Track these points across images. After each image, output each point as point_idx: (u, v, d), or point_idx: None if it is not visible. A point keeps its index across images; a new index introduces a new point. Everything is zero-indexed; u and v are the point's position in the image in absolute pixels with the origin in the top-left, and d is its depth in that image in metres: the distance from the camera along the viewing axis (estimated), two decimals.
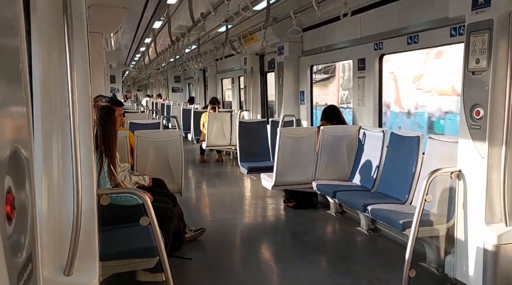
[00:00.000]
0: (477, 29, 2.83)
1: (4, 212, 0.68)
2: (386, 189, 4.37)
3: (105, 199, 2.26)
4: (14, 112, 0.80)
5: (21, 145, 0.79)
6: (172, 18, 6.45)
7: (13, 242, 0.73)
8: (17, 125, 0.80)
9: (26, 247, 0.78)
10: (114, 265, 2.73)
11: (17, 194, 0.75)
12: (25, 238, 0.78)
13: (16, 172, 0.75)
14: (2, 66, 0.76)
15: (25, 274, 0.77)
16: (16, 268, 0.73)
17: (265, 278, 3.54)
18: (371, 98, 5.06)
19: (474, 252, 2.88)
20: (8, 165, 0.72)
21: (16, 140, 0.77)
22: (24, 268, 0.77)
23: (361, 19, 5.04)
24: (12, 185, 0.72)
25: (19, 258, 0.75)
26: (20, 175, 0.77)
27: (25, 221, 0.78)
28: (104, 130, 3.16)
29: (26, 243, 0.78)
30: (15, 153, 0.75)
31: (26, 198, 0.80)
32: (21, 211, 0.77)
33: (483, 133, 2.80)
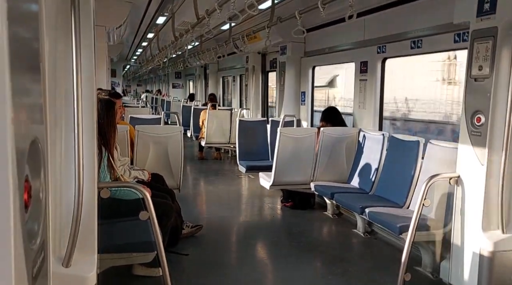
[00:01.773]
0: (481, 36, 2.84)
1: (22, 200, 0.69)
2: (384, 192, 4.38)
3: (105, 192, 2.27)
4: (34, 104, 0.81)
5: (39, 137, 0.80)
6: (176, 14, 6.44)
7: (29, 229, 0.74)
8: (36, 117, 0.81)
9: (40, 235, 0.79)
10: (112, 258, 2.74)
11: (33, 183, 0.76)
12: (38, 226, 0.79)
13: (34, 162, 0.76)
14: (26, 58, 0.76)
15: (39, 261, 0.78)
16: (31, 255, 0.74)
17: (260, 276, 3.55)
18: (372, 101, 5.07)
19: (470, 258, 2.90)
20: (28, 155, 0.72)
21: (35, 131, 0.78)
22: (38, 255, 0.78)
23: (365, 21, 5.04)
24: (29, 174, 0.73)
25: (33, 245, 0.76)
26: (36, 165, 0.78)
27: (39, 210, 0.79)
28: (104, 123, 3.16)
29: (40, 231, 0.79)
30: (34, 143, 0.76)
31: (41, 187, 0.81)
32: (36, 200, 0.78)
33: (483, 140, 2.82)
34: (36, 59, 0.82)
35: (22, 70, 0.73)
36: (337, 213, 5.14)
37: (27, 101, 0.76)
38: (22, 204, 0.69)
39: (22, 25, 0.74)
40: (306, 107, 6.85)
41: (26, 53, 0.77)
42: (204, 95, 14.03)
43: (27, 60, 0.77)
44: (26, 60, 0.77)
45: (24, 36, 0.76)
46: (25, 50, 0.76)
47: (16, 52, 0.67)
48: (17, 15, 0.69)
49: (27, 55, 0.78)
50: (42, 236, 0.80)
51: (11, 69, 0.64)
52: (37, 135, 0.79)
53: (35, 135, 0.77)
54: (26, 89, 0.76)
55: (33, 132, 0.77)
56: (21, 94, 0.72)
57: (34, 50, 0.81)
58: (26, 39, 0.77)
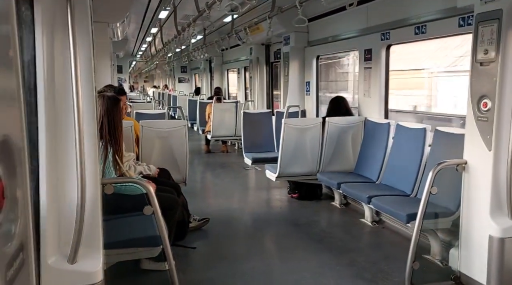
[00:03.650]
0: (486, 19, 2.78)
1: None
2: (391, 181, 4.35)
3: (109, 188, 2.27)
4: (2, 99, 0.79)
5: (11, 134, 0.78)
6: (178, 7, 6.41)
7: (3, 232, 0.72)
8: (6, 113, 0.79)
9: (17, 236, 0.77)
10: (118, 254, 2.76)
11: (8, 183, 0.74)
12: (15, 227, 0.77)
13: (7, 161, 0.74)
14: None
15: (15, 264, 0.76)
16: (4, 258, 0.73)
17: (268, 268, 3.55)
18: (377, 89, 5.02)
19: (479, 245, 2.87)
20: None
21: (6, 129, 0.76)
22: (14, 258, 0.76)
23: (368, 8, 4.97)
24: (1, 174, 0.71)
25: (8, 247, 0.74)
26: (10, 164, 0.77)
27: (16, 211, 0.78)
28: (110, 120, 3.16)
29: (16, 232, 0.77)
30: (5, 142, 0.74)
31: (18, 187, 0.79)
32: (12, 200, 0.76)
33: (490, 125, 2.77)
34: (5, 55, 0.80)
35: None
36: (344, 203, 5.13)
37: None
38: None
39: None
40: (311, 97, 6.80)
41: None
42: (210, 88, 14.01)
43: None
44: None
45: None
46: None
47: None
48: None
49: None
50: (21, 237, 0.79)
51: None
52: (9, 133, 0.77)
53: (6, 133, 0.76)
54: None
55: (2, 130, 0.75)
56: None
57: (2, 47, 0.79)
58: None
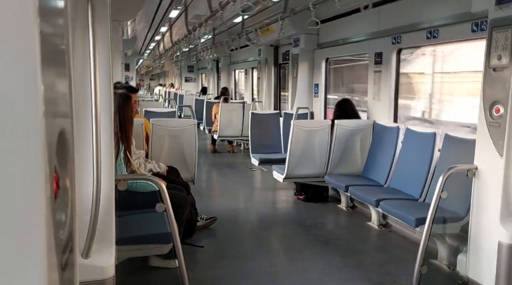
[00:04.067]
0: (500, 25, 2.78)
1: (52, 190, 0.70)
2: (400, 185, 4.34)
3: (122, 185, 2.29)
4: (62, 97, 0.82)
5: (66, 129, 0.81)
6: (189, 7, 6.44)
7: (57, 220, 0.75)
8: (63, 109, 0.82)
9: (67, 225, 0.80)
10: (129, 250, 2.78)
11: (61, 174, 0.77)
12: (66, 216, 0.80)
13: (61, 153, 0.77)
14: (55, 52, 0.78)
15: (67, 252, 0.79)
16: (61, 245, 0.75)
17: (274, 268, 3.56)
18: (387, 92, 5.02)
19: (488, 251, 2.86)
20: (57, 146, 0.74)
21: (63, 122, 0.80)
22: (67, 245, 0.79)
23: (379, 12, 4.97)
24: (57, 165, 0.74)
25: (62, 235, 0.77)
26: (64, 156, 0.80)
27: (66, 201, 0.81)
28: (121, 117, 3.18)
29: (67, 222, 0.80)
30: (62, 135, 0.78)
31: (68, 178, 0.82)
32: (64, 191, 0.79)
33: (502, 131, 2.76)
34: (63, 53, 0.84)
35: (51, 65, 0.75)
36: (350, 205, 5.13)
37: (55, 95, 0.78)
38: (53, 194, 0.70)
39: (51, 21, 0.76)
40: (319, 99, 6.80)
41: (54, 47, 0.78)
42: (216, 88, 14.05)
43: (55, 55, 0.79)
44: (55, 54, 0.78)
45: (53, 31, 0.77)
46: (54, 45, 0.78)
47: (46, 48, 0.69)
48: (46, 12, 0.70)
49: (56, 50, 0.79)
50: (70, 227, 0.82)
51: (42, 64, 0.66)
52: (65, 127, 0.80)
53: (63, 127, 0.79)
54: (54, 83, 0.78)
55: (61, 124, 0.78)
56: (50, 88, 0.74)
57: (61, 45, 0.83)
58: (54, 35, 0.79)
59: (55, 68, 0.77)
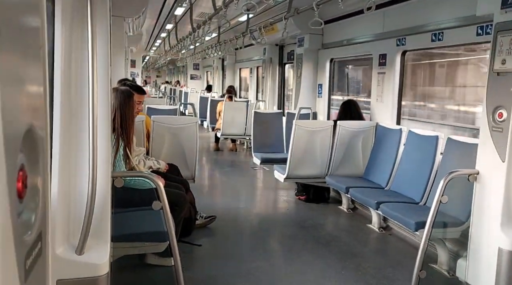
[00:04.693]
0: (505, 29, 2.74)
1: (15, 189, 0.68)
2: (401, 188, 4.31)
3: (119, 182, 2.28)
4: (31, 91, 0.80)
5: (37, 124, 0.79)
6: (194, 5, 6.42)
7: (23, 220, 0.73)
8: (33, 104, 0.80)
9: (37, 226, 0.78)
10: (125, 247, 2.77)
11: (30, 172, 0.75)
12: (35, 217, 0.78)
13: (30, 150, 0.75)
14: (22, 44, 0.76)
15: (34, 253, 0.77)
16: (25, 246, 0.73)
17: (272, 268, 3.55)
18: (390, 94, 4.98)
19: (488, 257, 2.83)
20: (22, 143, 0.72)
21: (32, 119, 0.77)
22: (33, 247, 0.77)
23: (384, 13, 4.94)
24: (25, 163, 0.72)
25: (28, 236, 0.75)
26: (34, 154, 0.77)
27: (37, 200, 0.79)
28: (123, 114, 3.17)
29: (36, 222, 0.78)
30: (30, 132, 0.75)
31: (39, 177, 0.80)
32: (33, 190, 0.77)
33: (505, 136, 2.73)
34: (34, 46, 0.81)
35: (14, 57, 0.72)
36: (352, 207, 5.10)
37: (21, 89, 0.75)
38: (14, 194, 0.68)
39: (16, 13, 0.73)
40: (323, 99, 6.77)
41: (20, 40, 0.75)
42: (221, 86, 14.04)
43: (21, 48, 0.76)
44: (20, 47, 0.75)
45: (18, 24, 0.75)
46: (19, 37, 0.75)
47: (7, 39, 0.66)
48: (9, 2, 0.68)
49: (22, 42, 0.76)
50: (40, 227, 0.80)
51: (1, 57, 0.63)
52: (34, 123, 0.78)
53: (31, 123, 0.77)
54: (19, 76, 0.75)
55: (28, 120, 0.76)
56: (13, 81, 0.71)
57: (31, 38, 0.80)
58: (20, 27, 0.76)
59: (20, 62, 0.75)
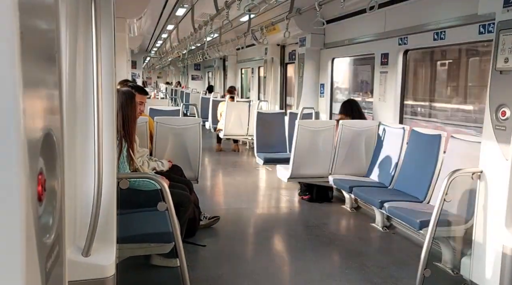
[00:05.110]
0: (507, 27, 2.75)
1: (36, 193, 0.69)
2: (404, 186, 4.31)
3: (124, 183, 2.30)
4: (49, 95, 0.81)
5: (54, 129, 0.80)
6: (196, 5, 6.43)
7: (43, 223, 0.74)
8: (51, 109, 0.81)
9: (55, 229, 0.79)
10: (130, 248, 2.78)
11: (48, 176, 0.76)
12: (53, 220, 0.79)
13: (48, 154, 0.76)
14: (39, 47, 0.76)
15: (53, 255, 0.78)
16: (45, 249, 0.74)
17: (277, 268, 3.55)
18: (392, 93, 4.98)
19: (492, 255, 2.83)
20: (42, 147, 0.73)
21: (49, 123, 0.78)
22: (52, 249, 0.78)
23: (386, 13, 4.94)
24: (43, 167, 0.73)
25: (48, 239, 0.76)
26: (51, 158, 0.78)
27: (54, 204, 0.80)
28: (125, 115, 3.18)
29: (54, 225, 0.79)
30: (48, 136, 0.76)
31: (56, 181, 0.81)
32: (51, 194, 0.78)
33: (508, 134, 2.73)
34: (51, 50, 0.82)
35: (35, 61, 0.73)
36: (355, 206, 5.10)
37: (40, 93, 0.76)
38: (35, 197, 0.69)
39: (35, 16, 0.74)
40: (325, 99, 6.78)
41: (39, 44, 0.76)
42: (223, 87, 14.05)
43: (41, 51, 0.77)
44: (40, 51, 0.76)
45: (37, 27, 0.76)
46: (39, 41, 0.76)
47: (29, 43, 0.67)
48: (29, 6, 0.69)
49: (41, 46, 0.77)
50: (57, 230, 0.81)
51: (23, 61, 0.64)
52: (52, 127, 0.79)
53: (50, 127, 0.78)
54: (39, 80, 0.76)
55: (47, 124, 0.77)
56: (34, 85, 0.71)
57: (49, 41, 0.81)
58: (39, 30, 0.77)
59: (39, 65, 0.76)
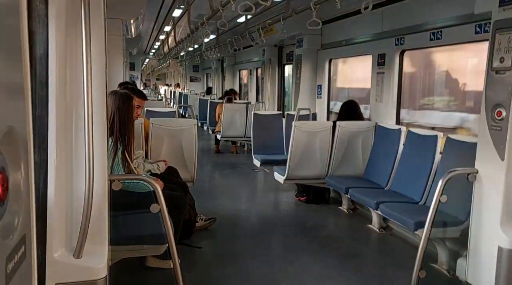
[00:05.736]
0: (503, 27, 2.73)
1: None
2: (400, 187, 4.30)
3: (116, 185, 2.27)
4: (9, 91, 0.79)
5: (17, 125, 0.78)
6: (192, 6, 6.43)
7: (4, 224, 0.72)
8: (12, 105, 0.79)
9: (19, 229, 0.77)
10: (123, 250, 2.76)
11: (11, 175, 0.74)
12: (18, 220, 0.77)
13: (11, 152, 0.74)
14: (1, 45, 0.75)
15: (16, 256, 0.76)
16: (5, 250, 0.72)
17: (273, 270, 3.53)
18: (389, 94, 4.97)
19: (488, 256, 2.81)
20: (1, 145, 0.71)
21: (11, 120, 0.76)
22: (16, 250, 0.76)
23: (383, 13, 4.93)
24: (5, 166, 0.71)
25: (10, 240, 0.74)
26: (14, 156, 0.77)
27: (19, 203, 0.78)
28: (121, 117, 3.15)
29: (19, 225, 0.77)
30: (9, 133, 0.74)
31: (21, 180, 0.79)
32: (15, 193, 0.76)
33: (504, 135, 2.72)
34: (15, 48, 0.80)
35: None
36: (352, 208, 5.09)
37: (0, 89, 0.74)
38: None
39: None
40: (322, 100, 6.77)
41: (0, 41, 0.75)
42: (221, 88, 14.04)
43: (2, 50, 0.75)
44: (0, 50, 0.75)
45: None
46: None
47: None
48: None
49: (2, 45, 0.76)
50: (23, 230, 0.79)
51: None
52: (14, 125, 0.77)
53: (10, 124, 0.76)
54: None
55: (7, 122, 0.75)
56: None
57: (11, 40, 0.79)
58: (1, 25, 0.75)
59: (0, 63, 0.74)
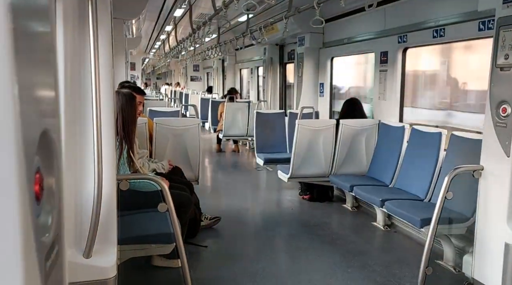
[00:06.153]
0: (507, 24, 2.74)
1: (33, 192, 0.68)
2: (405, 185, 4.30)
3: (124, 185, 2.29)
4: (45, 94, 0.80)
5: (51, 127, 0.79)
6: (194, 6, 6.43)
7: (41, 223, 0.73)
8: (47, 107, 0.81)
9: (53, 228, 0.78)
10: (131, 250, 2.77)
11: (46, 175, 0.75)
12: (52, 219, 0.78)
13: (45, 153, 0.76)
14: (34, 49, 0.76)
15: (52, 255, 0.78)
16: (44, 248, 0.74)
17: (278, 268, 3.54)
18: (392, 92, 4.97)
19: (494, 252, 2.82)
20: (38, 146, 0.72)
21: (46, 122, 0.78)
22: (52, 249, 0.78)
23: (385, 10, 4.93)
24: (41, 166, 0.73)
25: (47, 238, 0.75)
26: (48, 157, 0.78)
27: (52, 203, 0.79)
28: (125, 117, 3.17)
29: (53, 225, 0.79)
30: (45, 134, 0.76)
31: (54, 180, 0.81)
32: (49, 193, 0.77)
33: (509, 131, 2.73)
34: (47, 52, 0.82)
35: (30, 63, 0.73)
36: (356, 206, 5.09)
37: (36, 94, 0.76)
38: (33, 196, 0.68)
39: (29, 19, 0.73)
40: (324, 98, 6.77)
41: (35, 45, 0.76)
42: (222, 87, 14.04)
43: (37, 53, 0.77)
44: (35, 52, 0.76)
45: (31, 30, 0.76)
46: (34, 43, 0.76)
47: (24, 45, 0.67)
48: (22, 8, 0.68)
49: (37, 48, 0.77)
50: (57, 229, 0.80)
51: (18, 62, 0.64)
52: (48, 127, 0.78)
53: (46, 126, 0.77)
54: (35, 82, 0.76)
55: (43, 124, 0.77)
56: (29, 87, 0.71)
57: (44, 43, 0.81)
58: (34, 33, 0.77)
59: (35, 67, 0.76)
